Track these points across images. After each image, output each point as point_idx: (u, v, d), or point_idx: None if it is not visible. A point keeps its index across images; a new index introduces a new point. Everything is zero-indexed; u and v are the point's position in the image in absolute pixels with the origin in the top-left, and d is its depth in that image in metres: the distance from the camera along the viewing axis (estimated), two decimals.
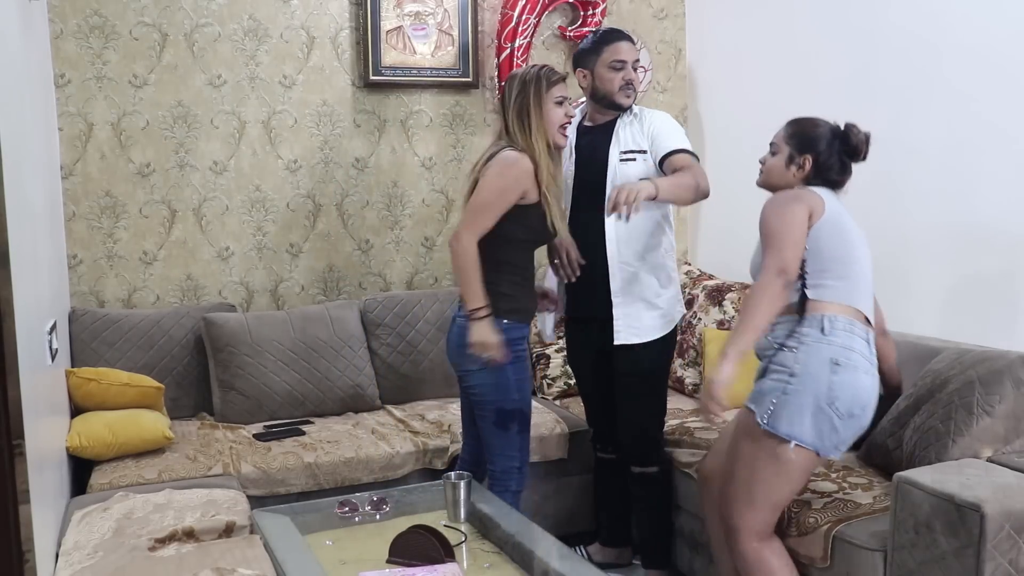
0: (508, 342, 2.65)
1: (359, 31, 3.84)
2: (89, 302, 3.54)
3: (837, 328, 2.31)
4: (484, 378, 2.66)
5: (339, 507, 2.56)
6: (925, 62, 3.21)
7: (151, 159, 3.61)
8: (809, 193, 2.42)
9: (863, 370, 2.32)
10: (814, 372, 2.29)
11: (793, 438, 2.29)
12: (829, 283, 2.36)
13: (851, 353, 2.30)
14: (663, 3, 4.37)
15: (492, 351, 2.58)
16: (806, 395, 2.28)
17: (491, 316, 2.61)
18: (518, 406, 2.70)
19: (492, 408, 2.68)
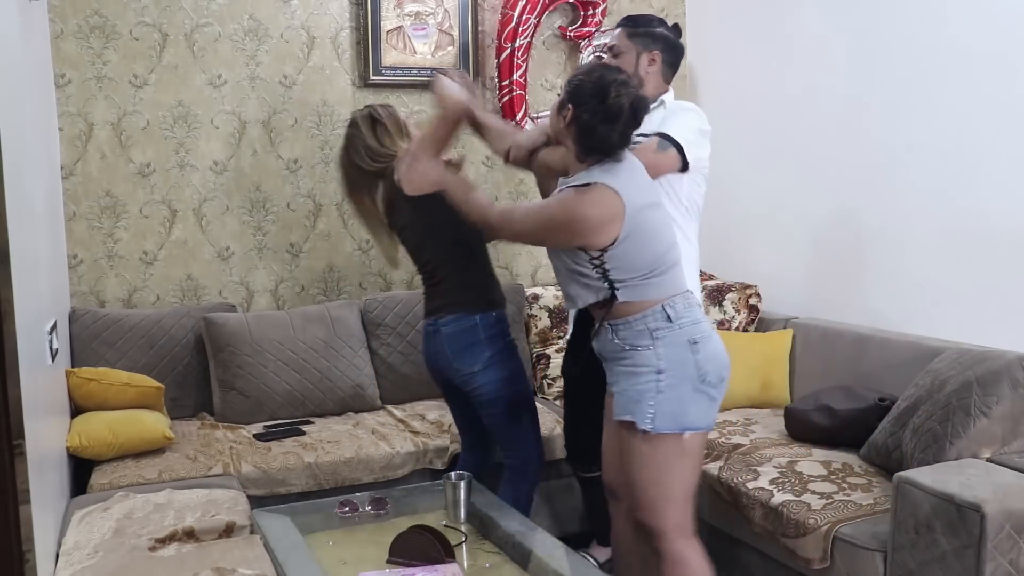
0: (501, 332, 2.68)
1: (359, 31, 3.84)
2: (89, 302, 3.54)
3: (679, 310, 2.25)
4: (492, 374, 2.66)
5: (339, 507, 2.56)
6: (925, 61, 3.21)
7: (151, 159, 3.61)
8: (607, 199, 2.21)
9: (712, 334, 2.31)
10: (679, 359, 2.23)
11: (686, 428, 2.24)
12: (653, 281, 2.25)
13: (700, 325, 2.28)
14: (663, 3, 4.37)
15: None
16: (681, 385, 2.23)
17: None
18: (525, 395, 2.73)
19: (504, 403, 2.68)
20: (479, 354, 2.66)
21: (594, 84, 2.24)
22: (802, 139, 3.77)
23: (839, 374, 3.26)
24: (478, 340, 2.67)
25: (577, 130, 2.26)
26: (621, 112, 2.22)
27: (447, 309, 2.71)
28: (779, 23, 3.87)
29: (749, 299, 3.78)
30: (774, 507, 2.62)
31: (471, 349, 2.67)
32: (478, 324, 2.67)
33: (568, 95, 2.29)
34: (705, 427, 2.29)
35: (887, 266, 3.39)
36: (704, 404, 2.26)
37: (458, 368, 2.70)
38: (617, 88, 2.23)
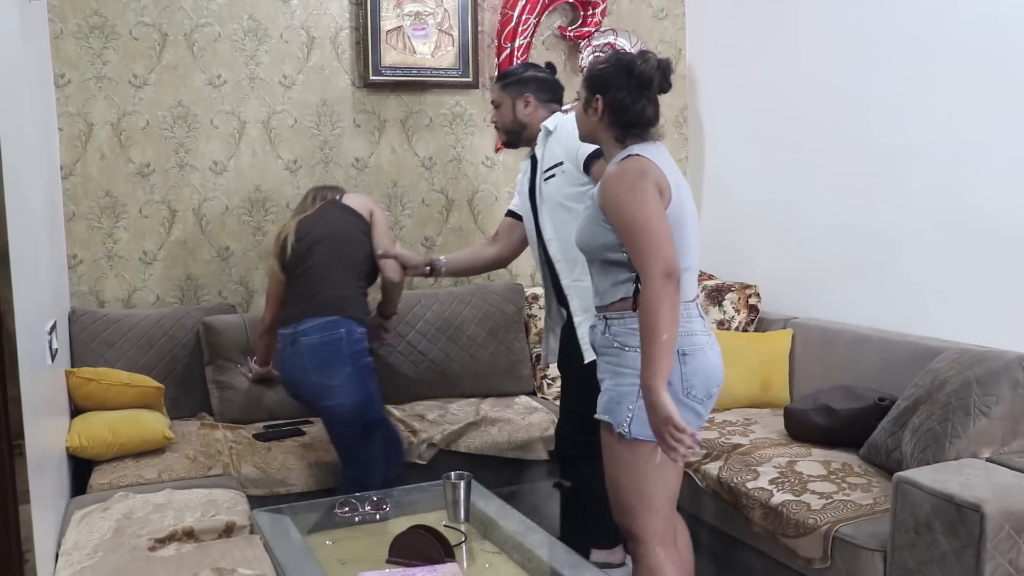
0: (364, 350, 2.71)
1: (359, 31, 3.84)
2: (89, 302, 3.54)
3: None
4: (351, 391, 2.63)
5: (339, 507, 2.56)
6: (925, 62, 3.21)
7: (151, 159, 3.61)
8: (652, 168, 2.14)
9: (708, 348, 2.22)
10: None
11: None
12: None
13: (693, 338, 2.19)
14: (663, 3, 4.37)
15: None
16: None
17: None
18: (379, 415, 2.74)
19: (358, 421, 2.68)
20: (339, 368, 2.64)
21: (615, 66, 2.25)
22: (801, 139, 3.77)
23: (839, 374, 3.26)
24: (340, 354, 2.66)
25: (612, 113, 2.23)
26: (652, 78, 2.21)
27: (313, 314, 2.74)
28: (779, 23, 3.87)
29: (749, 299, 3.78)
30: (774, 507, 2.62)
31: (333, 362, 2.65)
32: (343, 338, 2.66)
33: (591, 88, 2.27)
34: None
35: (887, 266, 3.39)
36: (686, 416, 2.11)
37: (319, 381, 2.67)
38: (640, 58, 2.23)
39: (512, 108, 2.93)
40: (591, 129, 2.31)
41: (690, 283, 2.23)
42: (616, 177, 2.16)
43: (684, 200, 2.21)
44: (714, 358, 2.24)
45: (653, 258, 2.05)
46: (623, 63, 2.24)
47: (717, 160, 4.30)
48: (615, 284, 2.22)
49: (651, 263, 2.05)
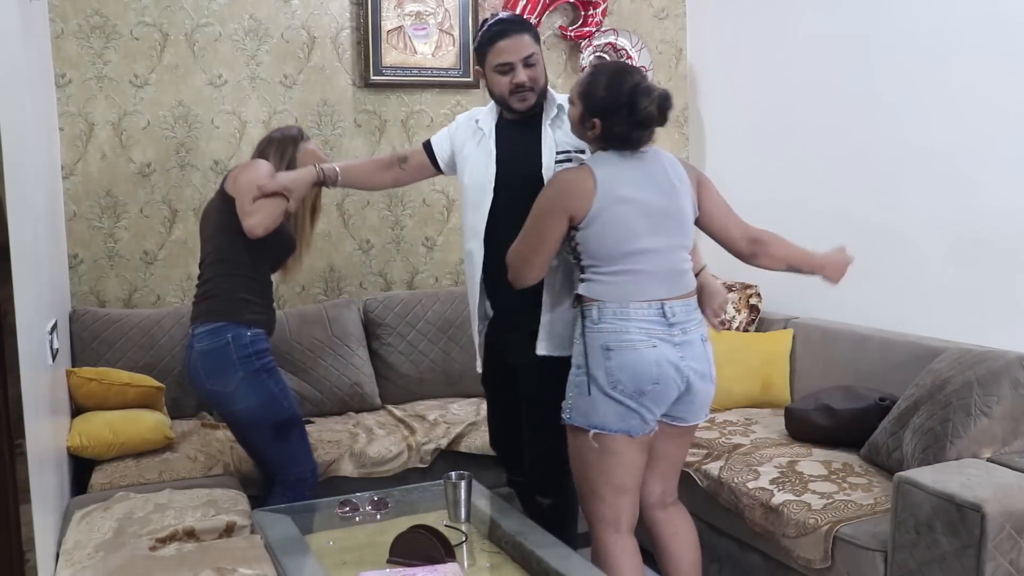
0: (256, 353, 2.57)
1: (360, 31, 3.84)
2: (90, 302, 3.54)
3: (606, 316, 2.27)
4: (247, 397, 2.55)
5: (339, 507, 2.56)
6: (925, 62, 3.21)
7: (152, 159, 3.61)
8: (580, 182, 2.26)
9: (644, 345, 2.24)
10: (592, 362, 2.27)
11: (594, 428, 2.28)
12: (603, 280, 2.29)
13: (624, 336, 2.25)
14: (663, 3, 4.37)
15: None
16: (592, 384, 2.27)
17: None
18: (290, 414, 2.62)
19: (268, 424, 2.59)
20: (230, 375, 2.55)
21: (617, 94, 2.25)
22: (802, 139, 3.77)
23: (839, 374, 3.26)
24: (228, 360, 2.55)
25: (606, 137, 2.31)
26: (652, 120, 2.28)
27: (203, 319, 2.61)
28: (779, 23, 3.87)
29: (749, 299, 3.78)
30: (774, 507, 2.61)
31: (221, 370, 2.56)
32: (230, 342, 2.55)
33: (588, 108, 2.29)
34: (620, 431, 2.28)
35: (887, 266, 3.39)
36: (618, 410, 2.25)
37: (213, 388, 2.59)
38: (644, 96, 2.25)
39: (545, 69, 2.56)
40: (584, 139, 2.40)
41: (635, 285, 2.27)
42: (552, 182, 2.33)
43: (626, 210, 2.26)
44: (652, 356, 2.24)
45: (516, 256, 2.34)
46: (626, 97, 2.25)
47: (717, 160, 4.30)
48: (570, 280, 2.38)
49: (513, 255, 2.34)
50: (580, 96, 2.32)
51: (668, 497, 2.52)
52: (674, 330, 2.29)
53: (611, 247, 2.27)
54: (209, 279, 2.63)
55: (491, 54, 2.50)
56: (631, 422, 2.27)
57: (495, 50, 2.48)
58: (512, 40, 2.48)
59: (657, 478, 2.48)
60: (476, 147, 2.62)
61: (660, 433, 2.37)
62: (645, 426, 2.30)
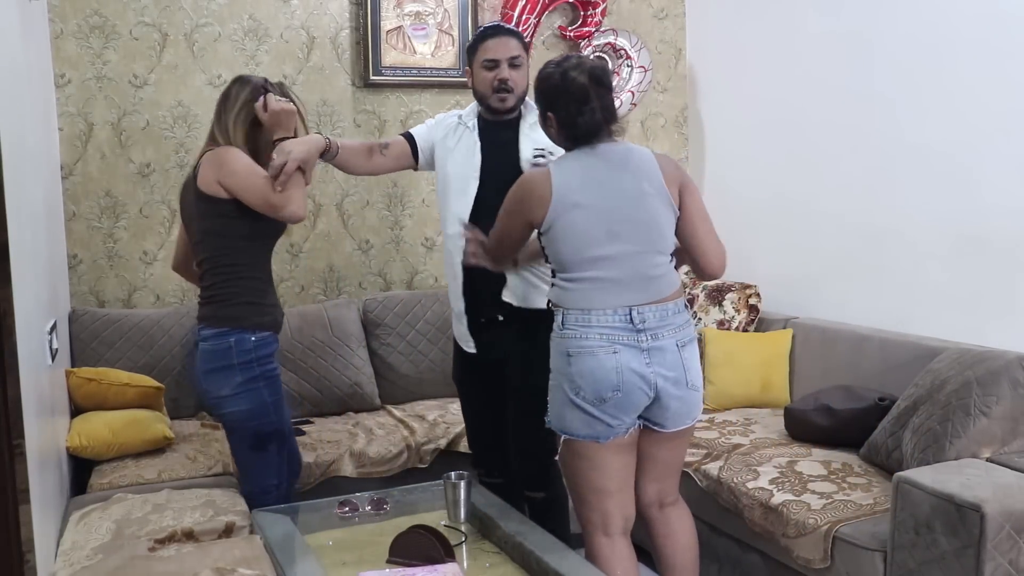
0: (259, 359, 2.49)
1: (359, 31, 3.84)
2: (89, 302, 3.54)
3: (568, 322, 2.27)
4: (239, 403, 2.49)
5: (339, 507, 2.56)
6: (925, 61, 3.21)
7: (151, 159, 3.61)
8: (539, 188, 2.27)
9: (604, 351, 2.22)
10: (557, 367, 2.29)
11: (565, 433, 2.31)
12: (567, 287, 2.29)
13: (583, 342, 2.24)
14: (663, 3, 4.37)
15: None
16: (558, 390, 2.29)
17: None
18: (275, 427, 2.56)
19: (250, 432, 2.54)
20: (229, 378, 2.49)
21: (550, 82, 2.29)
22: (802, 139, 3.77)
23: (839, 374, 3.26)
24: (230, 364, 2.48)
25: (563, 128, 2.30)
26: (587, 91, 2.25)
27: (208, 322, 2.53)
28: (779, 23, 3.87)
29: (749, 299, 3.78)
30: (774, 507, 2.61)
31: (221, 372, 2.49)
32: (232, 347, 2.48)
33: (541, 104, 2.34)
34: (585, 437, 2.28)
35: (887, 266, 3.39)
36: (582, 416, 2.25)
37: (207, 389, 2.54)
38: (574, 70, 2.26)
39: (528, 75, 2.65)
40: (553, 139, 2.40)
41: (598, 292, 2.25)
42: (518, 181, 2.36)
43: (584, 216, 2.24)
44: (611, 363, 2.21)
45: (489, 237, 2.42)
46: (554, 79, 2.28)
47: (717, 160, 4.30)
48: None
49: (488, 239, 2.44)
50: (535, 95, 2.37)
51: (666, 497, 2.49)
52: (642, 336, 2.24)
53: (569, 254, 2.27)
54: (210, 284, 2.55)
55: (480, 51, 2.65)
56: (596, 428, 2.26)
57: (484, 47, 2.64)
58: (501, 40, 2.64)
59: (649, 480, 2.45)
60: (460, 139, 2.72)
61: (645, 437, 2.36)
62: (612, 431, 2.27)
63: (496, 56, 2.62)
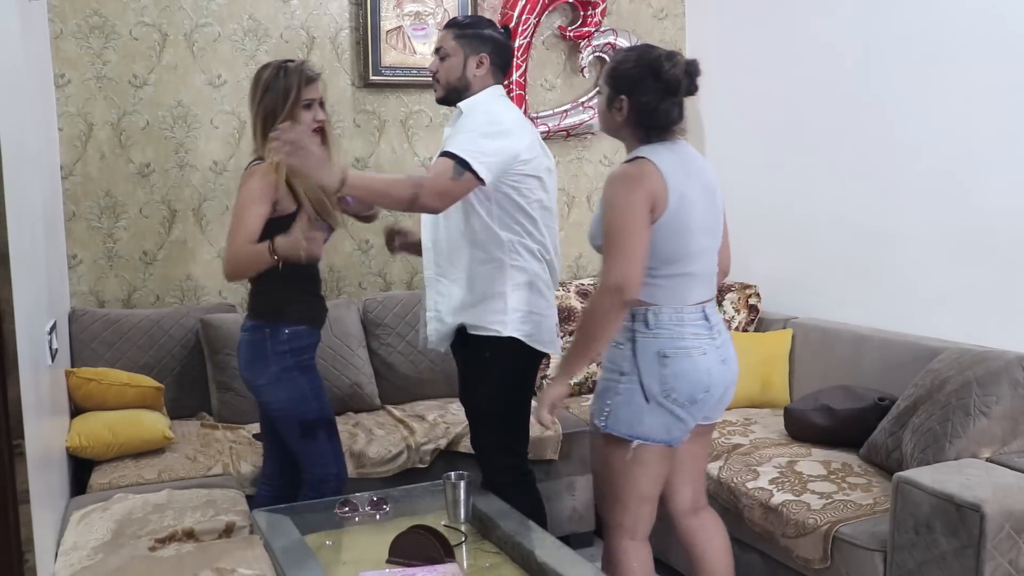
0: (292, 351, 2.57)
1: (359, 31, 3.84)
2: (89, 302, 3.54)
3: (662, 321, 2.19)
4: (277, 392, 2.57)
5: (339, 507, 2.56)
6: (925, 61, 3.21)
7: (151, 159, 3.61)
8: (650, 172, 2.16)
9: (697, 353, 2.20)
10: (644, 368, 2.18)
11: (636, 438, 2.21)
12: (660, 283, 2.20)
13: (679, 342, 2.19)
14: (663, 3, 4.37)
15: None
16: (641, 393, 2.19)
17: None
18: (318, 414, 2.62)
19: (294, 421, 2.61)
20: (264, 368, 2.57)
21: (641, 65, 2.22)
22: (801, 139, 3.77)
23: (839, 374, 3.26)
24: (264, 354, 2.57)
25: (637, 115, 2.23)
26: (679, 83, 2.21)
27: (249, 314, 2.65)
28: (778, 23, 3.87)
29: (749, 299, 3.78)
30: (774, 507, 2.62)
31: (257, 362, 2.58)
32: (267, 338, 2.56)
33: (614, 87, 2.24)
34: (663, 441, 2.23)
35: (887, 266, 3.39)
36: (665, 419, 2.20)
37: (247, 377, 2.64)
38: (668, 60, 2.21)
39: (463, 64, 2.64)
40: (613, 127, 2.31)
41: (686, 287, 2.22)
42: (614, 179, 2.20)
43: (689, 207, 2.19)
44: (704, 363, 2.20)
45: (612, 269, 2.14)
46: (650, 64, 2.21)
47: (717, 160, 4.29)
48: None
49: (608, 273, 2.14)
50: (606, 77, 2.27)
51: (699, 501, 2.48)
52: (713, 332, 2.24)
53: (674, 248, 2.18)
54: (254, 281, 2.65)
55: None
56: (675, 432, 2.22)
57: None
58: (440, 32, 2.73)
59: (687, 481, 2.44)
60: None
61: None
62: (685, 434, 2.25)
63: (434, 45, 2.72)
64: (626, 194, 2.14)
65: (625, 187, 2.15)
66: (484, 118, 2.57)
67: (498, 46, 2.67)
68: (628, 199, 2.14)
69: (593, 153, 4.32)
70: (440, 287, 2.71)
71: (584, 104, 4.18)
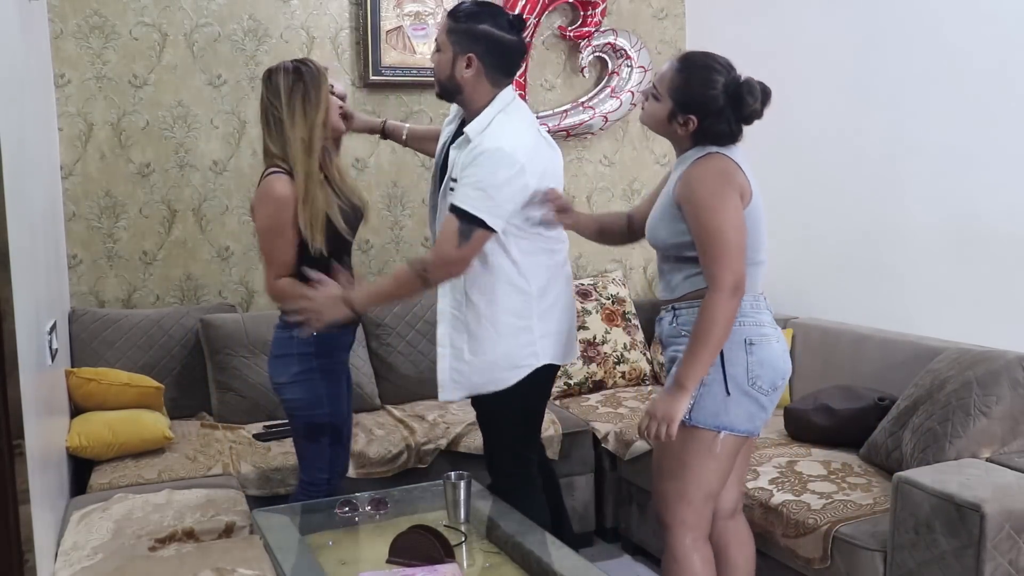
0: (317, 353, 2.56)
1: (359, 31, 3.84)
2: (89, 302, 3.54)
3: (745, 309, 2.16)
4: (296, 392, 2.58)
5: (339, 507, 2.56)
6: (925, 61, 3.21)
7: (151, 159, 3.61)
8: (735, 170, 2.20)
9: (775, 339, 2.21)
10: (731, 357, 2.15)
11: (723, 428, 2.17)
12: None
13: (761, 328, 2.19)
14: (663, 3, 4.37)
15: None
16: (727, 382, 2.15)
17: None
18: (329, 420, 2.62)
19: (303, 421, 2.63)
20: (287, 367, 2.59)
21: (723, 94, 2.19)
22: (801, 139, 3.77)
23: (839, 374, 3.26)
24: (290, 353, 2.58)
25: (703, 134, 2.21)
26: (757, 116, 2.22)
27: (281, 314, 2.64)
28: (778, 23, 3.87)
29: None
30: (774, 507, 2.62)
31: (282, 360, 2.60)
32: (294, 337, 2.55)
33: (682, 104, 2.19)
34: (746, 432, 2.20)
35: (887, 266, 3.39)
36: (750, 408, 2.17)
37: (270, 375, 2.66)
38: (749, 92, 2.19)
39: (451, 63, 2.39)
40: (667, 133, 2.27)
41: (759, 276, 2.24)
42: (700, 177, 2.16)
43: (760, 199, 2.23)
44: (780, 350, 2.22)
45: (724, 270, 2.08)
46: (729, 91, 2.19)
47: None
48: (687, 277, 2.23)
49: (721, 274, 2.09)
50: (672, 92, 2.21)
51: (740, 504, 2.47)
52: (774, 321, 2.26)
53: (754, 237, 2.18)
54: None
55: None
56: (757, 421, 2.20)
57: None
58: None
59: (735, 482, 2.41)
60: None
61: None
62: (764, 424, 2.23)
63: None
64: (721, 192, 2.13)
65: (718, 185, 2.14)
66: (495, 160, 2.31)
67: (493, 45, 2.37)
68: (723, 197, 2.13)
69: (593, 153, 4.32)
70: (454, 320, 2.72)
71: (584, 104, 4.17)
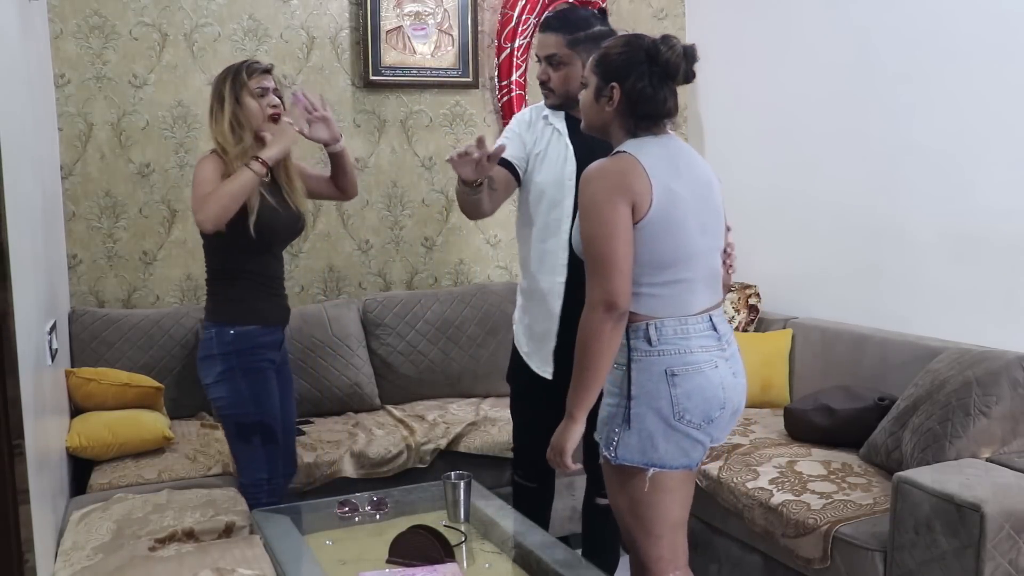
0: (239, 352, 2.56)
1: (359, 31, 3.84)
2: (89, 302, 3.54)
3: (666, 335, 1.96)
4: (220, 391, 2.59)
5: (339, 507, 2.56)
6: (925, 61, 3.21)
7: (151, 159, 3.61)
8: (636, 174, 1.93)
9: (708, 367, 1.98)
10: (652, 390, 1.95)
11: (652, 466, 1.97)
12: (655, 292, 1.97)
13: (687, 356, 1.96)
14: (663, 3, 4.37)
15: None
16: (650, 417, 1.95)
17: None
18: (257, 419, 2.60)
19: (232, 421, 2.62)
20: (212, 367, 2.60)
21: (634, 51, 1.99)
22: (801, 139, 3.77)
23: (839, 374, 3.26)
24: (212, 354, 2.59)
25: (630, 104, 2.00)
26: (678, 68, 1.98)
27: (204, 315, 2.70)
28: (779, 23, 3.87)
29: (749, 299, 3.78)
30: (774, 507, 2.62)
31: (206, 360, 2.62)
32: (214, 337, 2.58)
33: (604, 74, 2.01)
34: (681, 466, 2.00)
35: (887, 266, 3.39)
36: (681, 443, 1.97)
37: (199, 376, 2.67)
38: (663, 43, 1.98)
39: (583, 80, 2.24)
40: (602, 120, 2.06)
41: (688, 295, 1.99)
42: (589, 178, 1.97)
43: (680, 204, 1.97)
44: (716, 378, 1.98)
45: (593, 286, 1.92)
46: (644, 48, 1.99)
47: (717, 160, 4.29)
48: None
49: (591, 290, 1.93)
50: (594, 66, 2.04)
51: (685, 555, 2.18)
52: (723, 343, 2.02)
53: (668, 251, 1.96)
54: (206, 281, 2.70)
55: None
56: (693, 454, 2.00)
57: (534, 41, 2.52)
58: (542, 36, 2.51)
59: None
60: (549, 143, 2.53)
61: None
62: (703, 454, 2.04)
63: (538, 52, 2.51)
64: (604, 198, 1.92)
65: (602, 189, 1.93)
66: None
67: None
68: (605, 203, 1.91)
69: None
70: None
71: None
